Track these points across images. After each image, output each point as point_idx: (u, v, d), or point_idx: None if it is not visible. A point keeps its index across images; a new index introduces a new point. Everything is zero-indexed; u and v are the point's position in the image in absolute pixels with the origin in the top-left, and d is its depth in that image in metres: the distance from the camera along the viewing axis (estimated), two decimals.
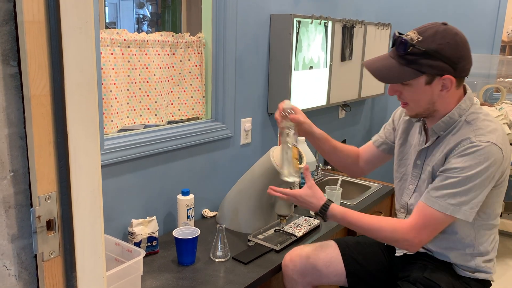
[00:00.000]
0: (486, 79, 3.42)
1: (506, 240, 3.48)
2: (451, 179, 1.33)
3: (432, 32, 1.31)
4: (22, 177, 0.69)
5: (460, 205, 1.32)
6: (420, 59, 1.31)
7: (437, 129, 1.43)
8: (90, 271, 0.78)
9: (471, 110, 1.39)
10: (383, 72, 1.37)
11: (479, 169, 1.30)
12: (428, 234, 1.39)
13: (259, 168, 1.90)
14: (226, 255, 1.70)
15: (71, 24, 0.68)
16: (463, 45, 1.33)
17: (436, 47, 1.29)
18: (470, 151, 1.31)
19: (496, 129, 1.34)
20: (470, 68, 1.37)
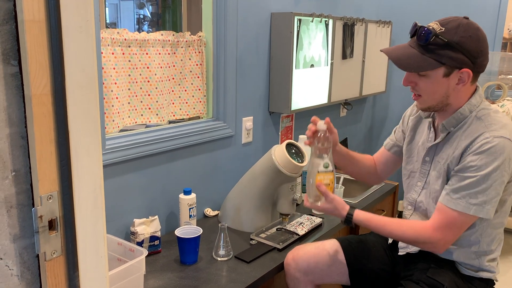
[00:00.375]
0: (487, 76, 3.41)
1: (508, 238, 3.47)
2: (470, 179, 1.32)
3: (455, 24, 1.32)
4: (24, 177, 0.69)
5: (482, 204, 1.32)
6: (441, 50, 1.32)
7: (447, 125, 1.42)
8: (92, 270, 0.78)
9: (481, 106, 1.40)
10: (403, 60, 1.37)
11: (495, 165, 1.29)
12: (453, 235, 1.38)
13: (261, 166, 1.89)
14: (228, 254, 1.70)
15: (71, 23, 0.68)
16: (483, 40, 1.34)
17: (459, 39, 1.30)
18: (485, 148, 1.31)
19: (507, 124, 1.35)
20: (486, 64, 1.38)
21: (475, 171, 1.31)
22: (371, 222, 1.48)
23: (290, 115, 2.55)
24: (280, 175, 1.82)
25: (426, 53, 1.33)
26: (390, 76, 3.48)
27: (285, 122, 2.52)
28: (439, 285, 1.42)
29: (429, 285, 1.44)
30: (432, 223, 1.39)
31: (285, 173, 1.81)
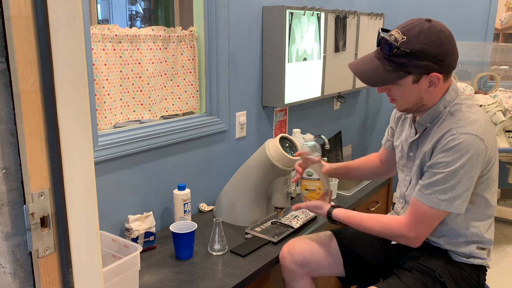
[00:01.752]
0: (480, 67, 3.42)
1: (503, 227, 3.50)
2: (439, 175, 1.34)
3: (417, 31, 1.30)
4: (15, 174, 0.69)
5: (452, 200, 1.34)
6: (406, 60, 1.31)
7: (423, 122, 1.44)
8: (86, 267, 0.78)
9: (455, 101, 1.40)
10: (369, 76, 1.37)
11: (462, 162, 1.30)
12: (426, 229, 1.41)
13: (255, 161, 1.90)
14: (223, 248, 1.70)
15: (59, 19, 0.68)
16: (448, 41, 1.32)
17: (421, 47, 1.29)
18: (452, 145, 1.32)
19: (477, 119, 1.34)
20: (456, 62, 1.38)
21: (443, 168, 1.33)
22: (350, 218, 1.55)
23: (283, 109, 2.55)
24: (274, 169, 1.83)
25: (392, 65, 1.33)
26: None
27: (278, 116, 2.52)
28: (431, 272, 1.44)
29: (421, 272, 1.46)
30: (405, 218, 1.43)
31: (279, 167, 1.81)
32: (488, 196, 1.43)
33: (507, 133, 2.88)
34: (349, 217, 1.55)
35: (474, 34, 3.46)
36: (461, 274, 1.45)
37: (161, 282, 1.51)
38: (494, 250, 3.09)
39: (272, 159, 1.80)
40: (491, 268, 1.53)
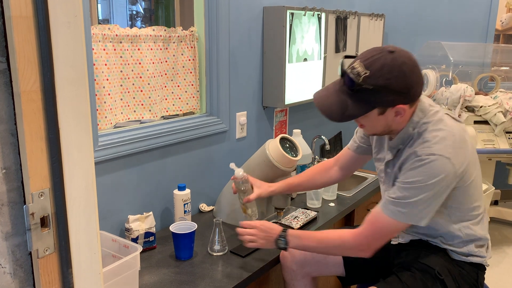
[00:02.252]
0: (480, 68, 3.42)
1: (503, 228, 3.50)
2: (403, 192, 1.33)
3: (379, 65, 1.26)
4: (15, 174, 0.69)
5: (412, 215, 1.33)
6: (370, 96, 1.29)
7: (394, 145, 1.44)
8: (86, 267, 0.78)
9: (423, 120, 1.37)
10: (334, 111, 1.35)
11: (427, 183, 1.29)
12: (379, 240, 1.41)
13: (255, 161, 1.89)
14: (223, 248, 1.70)
15: (59, 19, 0.68)
16: (411, 73, 1.29)
17: (384, 83, 1.26)
18: (416, 165, 1.31)
19: (444, 137, 1.32)
20: (421, 89, 1.36)
21: (408, 185, 1.32)
22: (303, 236, 1.52)
23: (284, 110, 2.55)
24: (275, 169, 1.82)
25: (356, 100, 1.31)
26: None
27: (279, 116, 2.52)
28: (430, 270, 1.44)
29: (420, 271, 1.46)
30: (359, 229, 1.42)
31: (280, 167, 1.81)
32: (470, 199, 1.42)
33: (508, 134, 2.88)
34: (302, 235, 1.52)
35: (474, 35, 3.46)
36: (460, 272, 1.45)
37: (161, 282, 1.51)
38: (494, 251, 3.09)
39: (273, 160, 1.80)
40: (491, 269, 1.54)
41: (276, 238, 1.52)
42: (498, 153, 2.87)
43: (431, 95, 3.15)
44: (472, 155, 1.40)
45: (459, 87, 2.91)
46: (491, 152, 2.85)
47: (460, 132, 1.37)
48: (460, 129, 1.38)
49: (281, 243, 1.52)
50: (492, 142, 2.85)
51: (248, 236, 1.56)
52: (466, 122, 2.88)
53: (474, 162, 1.41)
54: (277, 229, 1.55)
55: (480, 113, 2.91)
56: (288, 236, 1.51)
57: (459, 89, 2.89)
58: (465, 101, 2.89)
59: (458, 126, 1.39)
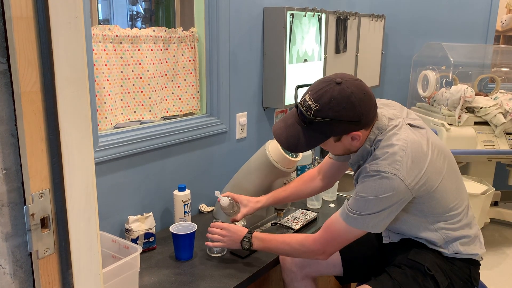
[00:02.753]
0: (480, 68, 3.42)
1: (503, 229, 3.49)
2: (355, 203, 1.36)
3: (327, 98, 1.29)
4: (15, 175, 0.69)
5: (365, 224, 1.35)
6: (322, 127, 1.32)
7: (354, 162, 1.46)
8: (86, 268, 0.78)
9: (378, 137, 1.38)
10: (291, 143, 1.38)
11: (376, 198, 1.31)
12: (335, 245, 1.46)
13: (255, 162, 1.89)
14: (223, 249, 1.70)
15: (60, 20, 0.68)
16: (360, 102, 1.29)
17: (334, 115, 1.29)
18: (365, 180, 1.34)
19: (394, 153, 1.31)
20: (375, 114, 1.37)
21: (359, 197, 1.34)
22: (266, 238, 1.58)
23: (284, 110, 2.55)
24: (275, 170, 1.82)
25: (310, 131, 1.34)
26: (384, 70, 3.49)
27: (279, 117, 2.52)
28: (420, 266, 1.45)
29: (410, 267, 1.46)
30: (317, 234, 1.47)
31: (280, 168, 1.81)
32: (442, 203, 1.41)
33: (508, 135, 2.88)
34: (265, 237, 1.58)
35: (474, 36, 3.46)
36: (451, 268, 1.46)
37: (161, 283, 1.51)
38: (495, 253, 3.09)
39: (273, 160, 1.80)
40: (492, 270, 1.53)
41: (241, 239, 1.59)
42: (498, 154, 2.87)
43: (431, 96, 3.15)
44: (435, 162, 1.37)
45: (459, 88, 2.91)
46: (491, 153, 2.85)
47: (415, 144, 1.35)
48: (417, 139, 1.36)
49: (245, 244, 1.58)
50: (492, 143, 2.85)
51: (216, 235, 1.62)
52: (466, 123, 2.88)
53: (437, 169, 1.38)
54: (243, 231, 1.61)
55: (480, 114, 2.91)
56: (252, 238, 1.58)
57: (459, 90, 2.89)
58: (465, 102, 2.89)
59: (415, 137, 1.37)
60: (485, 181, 3.04)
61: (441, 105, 3.02)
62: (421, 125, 1.46)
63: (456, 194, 1.45)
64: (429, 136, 1.42)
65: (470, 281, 1.48)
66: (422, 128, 1.45)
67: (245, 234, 1.60)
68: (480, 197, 2.81)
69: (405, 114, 1.48)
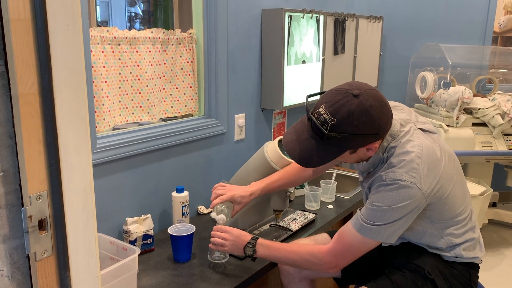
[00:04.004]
0: (478, 70, 3.43)
1: (501, 230, 3.50)
2: (370, 213, 1.33)
3: (345, 112, 1.23)
4: (13, 177, 0.69)
5: (380, 234, 1.33)
6: (339, 142, 1.27)
7: (364, 169, 1.44)
8: (84, 270, 0.78)
9: (391, 144, 1.35)
10: (305, 157, 1.32)
11: (393, 208, 1.29)
12: (347, 258, 1.41)
13: (254, 163, 1.89)
14: (224, 256, 1.64)
15: (58, 22, 0.68)
16: (379, 115, 1.26)
17: (353, 130, 1.24)
18: (381, 189, 1.31)
19: (410, 161, 1.29)
20: (391, 123, 1.33)
21: (375, 207, 1.32)
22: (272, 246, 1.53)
23: (282, 112, 2.55)
24: (273, 171, 1.82)
25: (325, 145, 1.29)
26: (382, 71, 3.49)
27: (277, 118, 2.52)
28: (420, 270, 1.44)
29: (411, 271, 1.46)
30: (328, 245, 1.43)
31: (278, 169, 1.81)
32: (451, 208, 1.41)
33: (506, 136, 2.89)
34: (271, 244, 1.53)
35: (472, 37, 3.47)
36: (451, 272, 1.46)
37: (159, 284, 1.51)
38: (493, 253, 3.09)
39: (271, 162, 1.80)
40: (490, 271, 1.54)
41: (245, 245, 1.53)
42: (496, 155, 2.88)
43: (429, 97, 3.16)
44: (447, 168, 1.36)
45: (457, 89, 2.91)
46: (489, 154, 2.86)
47: (430, 150, 1.33)
48: (431, 146, 1.35)
49: (249, 250, 1.52)
50: (490, 144, 2.86)
51: (218, 239, 1.57)
52: (464, 125, 2.89)
53: (449, 175, 1.37)
54: (247, 236, 1.55)
55: (478, 115, 2.91)
56: (257, 245, 1.52)
57: (457, 91, 2.90)
58: (463, 103, 2.90)
59: (429, 143, 1.35)
60: (483, 182, 3.04)
61: (439, 106, 3.02)
62: (432, 129, 1.44)
63: (463, 199, 1.45)
64: (440, 141, 1.41)
65: (469, 285, 1.48)
66: (433, 133, 1.43)
67: (249, 240, 1.53)
68: (478, 198, 2.82)
69: (414, 117, 1.46)
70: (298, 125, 1.38)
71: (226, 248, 1.57)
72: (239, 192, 1.68)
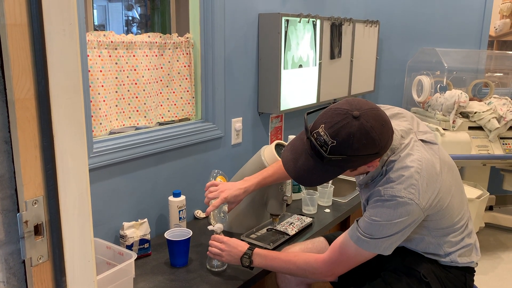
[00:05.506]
0: (474, 74, 3.44)
1: (498, 234, 3.51)
2: (368, 226, 1.33)
3: (346, 134, 1.21)
4: (8, 182, 0.69)
5: (377, 247, 1.34)
6: (339, 163, 1.26)
7: (362, 183, 1.44)
8: (80, 275, 0.77)
9: (391, 158, 1.35)
10: (305, 177, 1.31)
11: (391, 223, 1.29)
12: (345, 267, 1.42)
13: (251, 167, 1.89)
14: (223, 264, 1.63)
15: (54, 27, 0.68)
16: (380, 136, 1.23)
17: (354, 152, 1.22)
18: (379, 204, 1.31)
19: (409, 176, 1.29)
20: (392, 139, 1.31)
21: (372, 221, 1.32)
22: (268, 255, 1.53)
23: (279, 116, 2.55)
24: None
25: (326, 165, 1.27)
26: (378, 75, 3.50)
27: (274, 122, 2.52)
28: (415, 273, 1.44)
29: (406, 274, 1.46)
30: (325, 255, 1.44)
31: None
32: (449, 218, 1.41)
33: (502, 140, 2.90)
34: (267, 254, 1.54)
35: (468, 42, 3.48)
36: (446, 276, 1.46)
37: None
38: (489, 257, 3.10)
39: (268, 166, 1.80)
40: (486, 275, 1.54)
41: (241, 256, 1.53)
42: (492, 159, 2.89)
43: (426, 101, 3.17)
44: (446, 181, 1.36)
45: (454, 93, 2.92)
46: (486, 158, 2.87)
47: (429, 165, 1.33)
48: (431, 159, 1.34)
49: (245, 261, 1.52)
50: (486, 148, 2.87)
51: (215, 249, 1.57)
52: (460, 128, 2.90)
53: (448, 187, 1.37)
54: (244, 247, 1.55)
55: (475, 119, 2.92)
56: (253, 255, 1.52)
57: (453, 95, 2.91)
58: (460, 107, 2.91)
59: (428, 157, 1.35)
60: (480, 186, 3.05)
61: (435, 110, 3.03)
62: (433, 140, 1.43)
63: (460, 207, 1.45)
64: (440, 152, 1.40)
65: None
66: (434, 144, 1.42)
67: (245, 250, 1.54)
68: (475, 202, 2.82)
69: (415, 126, 1.44)
70: (296, 142, 1.35)
71: (223, 259, 1.57)
72: (232, 192, 1.64)
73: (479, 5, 3.43)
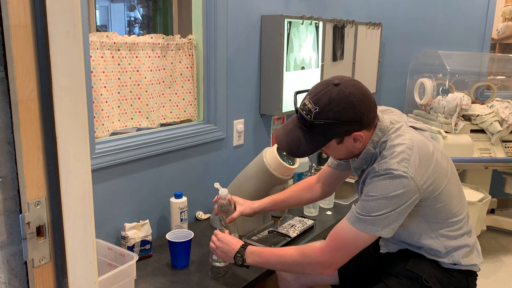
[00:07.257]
0: (477, 76, 3.44)
1: (499, 237, 3.50)
2: (365, 205, 1.33)
3: (326, 99, 1.30)
4: (11, 183, 0.69)
5: (375, 226, 1.32)
6: (324, 130, 1.32)
7: (358, 166, 1.45)
8: (82, 276, 0.77)
9: (382, 139, 1.38)
10: (293, 148, 1.38)
11: (387, 197, 1.29)
12: (344, 254, 1.39)
13: (252, 169, 1.89)
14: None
15: (58, 28, 0.68)
16: (360, 102, 1.30)
17: (334, 116, 1.29)
18: (374, 180, 1.32)
19: (401, 151, 1.31)
20: (375, 114, 1.37)
21: (368, 197, 1.32)
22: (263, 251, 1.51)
23: (281, 117, 2.55)
24: (272, 177, 1.82)
25: (312, 135, 1.35)
26: (381, 77, 3.50)
27: (276, 124, 2.52)
28: (417, 277, 1.43)
29: (408, 278, 1.45)
30: (323, 244, 1.41)
31: (276, 176, 1.81)
32: (446, 207, 1.41)
33: (504, 143, 2.89)
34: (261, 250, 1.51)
35: (471, 44, 3.48)
36: (449, 280, 1.45)
37: None
38: (491, 260, 3.09)
39: (270, 168, 1.80)
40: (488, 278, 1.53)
41: (235, 254, 1.50)
42: (494, 162, 2.88)
43: (428, 104, 3.16)
44: (440, 163, 1.38)
45: (456, 96, 2.92)
46: (488, 161, 2.86)
47: (421, 143, 1.35)
48: (423, 139, 1.37)
49: (238, 259, 1.49)
50: (488, 151, 2.86)
51: (212, 244, 1.56)
52: (462, 131, 2.89)
53: (443, 169, 1.38)
54: (236, 244, 1.51)
55: (477, 122, 2.92)
56: (246, 253, 1.48)
57: (455, 98, 2.90)
58: (462, 110, 2.90)
59: (420, 138, 1.38)
60: (482, 189, 3.04)
61: (437, 112, 3.03)
62: (423, 127, 1.47)
63: (459, 199, 1.45)
64: (432, 140, 1.43)
65: None
66: (424, 131, 1.46)
67: (238, 249, 1.49)
68: (476, 205, 2.82)
69: (405, 119, 1.48)
70: (288, 121, 1.44)
71: (217, 255, 1.55)
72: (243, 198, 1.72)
73: (482, 8, 3.43)
